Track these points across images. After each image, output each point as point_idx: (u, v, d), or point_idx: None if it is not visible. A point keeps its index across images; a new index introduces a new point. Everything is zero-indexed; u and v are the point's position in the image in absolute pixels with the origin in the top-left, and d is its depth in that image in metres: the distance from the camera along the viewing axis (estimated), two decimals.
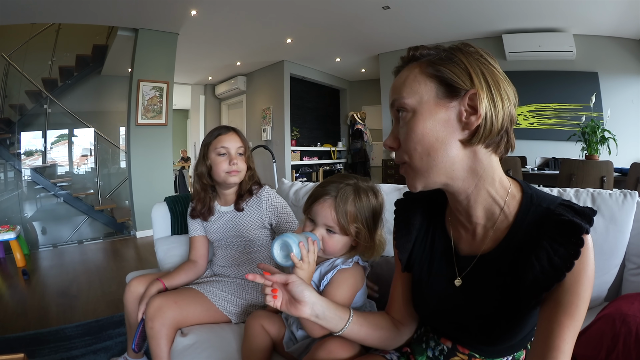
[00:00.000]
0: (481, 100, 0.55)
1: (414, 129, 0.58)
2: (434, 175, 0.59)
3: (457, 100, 0.57)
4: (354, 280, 0.90)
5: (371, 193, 0.92)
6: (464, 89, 0.56)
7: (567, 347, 0.52)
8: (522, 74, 4.79)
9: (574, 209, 0.57)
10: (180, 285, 1.34)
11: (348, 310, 0.76)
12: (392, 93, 0.62)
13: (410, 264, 0.75)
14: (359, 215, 0.88)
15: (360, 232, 0.89)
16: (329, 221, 0.87)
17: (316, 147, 7.32)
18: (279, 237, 0.80)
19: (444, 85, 0.57)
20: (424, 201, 0.77)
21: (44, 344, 1.88)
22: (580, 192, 1.13)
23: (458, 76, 0.56)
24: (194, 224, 1.46)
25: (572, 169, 3.12)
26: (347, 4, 4.00)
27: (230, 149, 1.34)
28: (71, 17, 4.02)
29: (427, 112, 0.58)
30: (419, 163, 0.59)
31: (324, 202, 0.88)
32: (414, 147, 0.58)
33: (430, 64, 0.59)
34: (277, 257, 0.80)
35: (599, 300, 1.08)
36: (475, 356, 0.68)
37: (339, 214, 0.86)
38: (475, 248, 0.66)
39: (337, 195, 0.87)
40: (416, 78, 0.59)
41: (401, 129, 0.61)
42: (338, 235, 0.89)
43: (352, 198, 0.88)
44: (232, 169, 1.31)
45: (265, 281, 0.73)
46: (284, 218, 1.38)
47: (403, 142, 0.60)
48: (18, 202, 4.87)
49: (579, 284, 0.53)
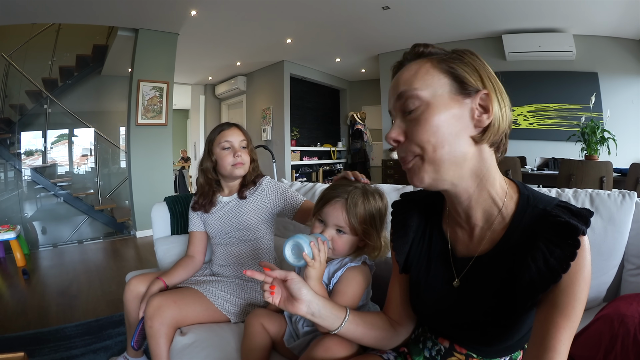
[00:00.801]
0: (492, 100, 0.58)
1: (429, 120, 0.57)
2: (444, 170, 0.58)
3: (470, 98, 0.59)
4: (363, 278, 0.94)
5: (377, 196, 0.97)
6: (475, 89, 0.59)
7: (563, 348, 0.52)
8: (522, 74, 4.79)
9: (571, 210, 0.57)
10: (180, 281, 1.36)
11: (345, 310, 0.77)
12: (400, 85, 0.61)
13: (407, 266, 0.75)
14: (367, 217, 0.92)
15: (368, 232, 0.93)
16: (340, 221, 0.92)
17: (316, 147, 7.32)
18: (289, 238, 0.82)
19: (458, 82, 0.59)
20: (420, 202, 0.77)
21: (43, 343, 1.88)
22: (579, 193, 1.13)
23: (470, 75, 0.59)
24: (194, 217, 1.49)
25: (571, 170, 3.12)
26: (347, 4, 4.00)
27: (234, 142, 1.39)
28: (71, 17, 4.02)
29: (441, 105, 0.58)
30: (431, 155, 0.57)
31: (335, 203, 0.93)
32: (427, 139, 0.57)
33: (442, 61, 0.60)
34: (289, 258, 0.82)
35: (598, 301, 1.08)
36: (472, 356, 0.68)
37: (350, 215, 0.91)
38: (472, 249, 0.66)
39: (348, 197, 0.92)
40: (429, 72, 0.60)
41: (410, 122, 0.60)
42: (347, 235, 0.93)
43: (362, 200, 0.92)
44: (237, 161, 1.37)
45: (265, 278, 0.75)
46: (288, 196, 1.42)
47: (413, 134, 0.59)
48: (18, 201, 4.87)
49: (575, 285, 0.53)
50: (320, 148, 7.41)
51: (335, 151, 7.72)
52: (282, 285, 0.75)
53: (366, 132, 7.44)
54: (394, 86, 0.63)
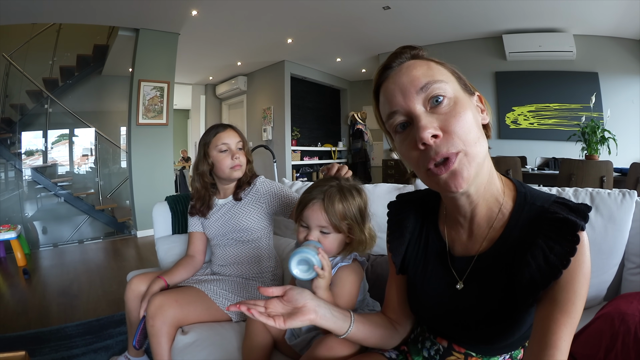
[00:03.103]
0: (484, 102, 0.61)
1: (463, 115, 0.55)
2: (479, 167, 0.56)
3: (472, 97, 0.61)
4: (355, 276, 0.94)
5: (355, 191, 0.97)
6: (471, 90, 0.62)
7: (564, 345, 0.52)
8: (522, 74, 4.79)
9: (569, 206, 0.56)
10: (180, 281, 1.36)
11: (348, 312, 0.76)
12: (420, 77, 0.57)
13: (404, 267, 0.75)
14: (347, 212, 0.93)
15: (352, 227, 0.94)
16: (321, 222, 0.92)
17: (317, 147, 7.33)
18: (293, 254, 0.82)
19: (461, 82, 0.60)
20: (416, 203, 0.77)
21: (44, 342, 1.88)
22: (579, 192, 1.13)
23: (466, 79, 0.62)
24: (192, 220, 1.49)
25: (572, 169, 3.13)
26: (347, 4, 4.01)
27: (231, 144, 1.38)
28: (72, 17, 4.02)
29: (465, 100, 0.58)
30: (473, 149, 0.55)
31: (312, 205, 0.93)
32: (468, 132, 0.54)
33: (440, 63, 0.61)
34: (299, 274, 0.83)
35: (598, 300, 1.09)
36: (471, 355, 0.68)
37: (329, 214, 0.91)
38: (470, 248, 0.66)
39: (324, 197, 0.92)
40: (439, 69, 0.59)
41: (443, 115, 0.55)
42: (332, 234, 0.94)
43: (338, 197, 0.93)
44: (235, 163, 1.36)
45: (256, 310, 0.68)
46: (282, 195, 1.41)
47: (454, 126, 0.54)
48: (19, 201, 4.88)
49: (575, 281, 0.53)
50: (320, 148, 7.41)
51: (336, 151, 7.72)
52: (281, 302, 0.71)
53: (367, 132, 7.44)
54: (411, 81, 0.57)
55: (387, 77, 0.61)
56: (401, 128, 0.59)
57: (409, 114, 0.57)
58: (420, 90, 0.56)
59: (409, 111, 0.57)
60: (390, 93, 0.59)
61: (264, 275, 1.41)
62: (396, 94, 0.58)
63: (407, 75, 0.58)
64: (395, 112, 0.59)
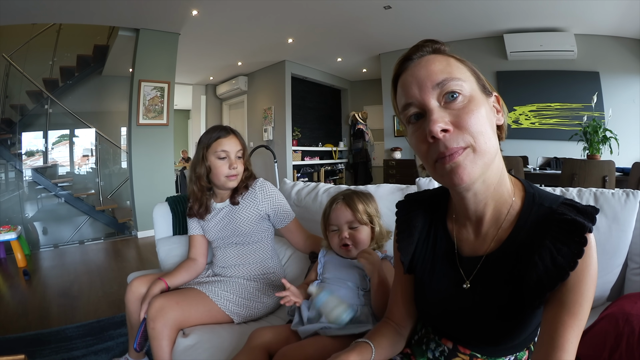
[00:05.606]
0: (501, 103, 0.62)
1: (477, 111, 0.56)
2: (489, 164, 0.57)
3: (489, 98, 0.61)
4: (391, 267, 1.03)
5: (364, 190, 1.18)
6: (489, 91, 0.62)
7: (571, 347, 0.52)
8: (524, 73, 4.79)
9: (577, 207, 0.56)
10: (182, 283, 1.35)
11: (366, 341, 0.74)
12: (437, 73, 0.57)
13: (412, 266, 0.75)
14: (365, 207, 1.10)
15: (372, 220, 1.10)
16: (348, 217, 1.08)
17: (317, 147, 7.32)
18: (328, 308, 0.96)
19: (480, 82, 0.61)
20: (425, 202, 0.77)
21: (44, 344, 1.87)
22: (583, 192, 1.13)
23: (485, 78, 0.62)
24: (192, 222, 1.48)
25: (574, 169, 3.12)
26: (348, 4, 4.00)
27: (230, 152, 1.35)
28: (72, 17, 4.02)
29: (480, 98, 0.58)
30: (483, 146, 0.55)
31: (336, 205, 1.10)
32: (480, 129, 0.55)
33: (460, 60, 0.61)
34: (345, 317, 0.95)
35: (602, 300, 1.08)
36: (476, 356, 0.68)
37: (353, 209, 1.08)
38: (478, 248, 0.66)
39: (344, 198, 1.11)
40: (459, 67, 0.60)
41: (457, 111, 0.56)
42: (361, 227, 1.09)
43: (356, 197, 1.11)
44: (232, 173, 1.34)
45: None
46: (280, 208, 1.40)
47: (466, 122, 0.55)
48: (19, 202, 4.88)
49: (583, 283, 0.53)
50: (321, 148, 7.41)
51: (337, 151, 7.72)
52: None
53: (367, 132, 7.43)
54: (428, 75, 0.58)
55: (406, 69, 0.62)
56: (415, 119, 0.60)
57: (422, 107, 0.58)
58: (437, 86, 0.57)
59: (423, 104, 0.58)
60: (407, 85, 0.60)
61: (266, 276, 1.40)
62: (413, 86, 0.59)
63: (425, 69, 0.59)
64: (410, 104, 0.60)
